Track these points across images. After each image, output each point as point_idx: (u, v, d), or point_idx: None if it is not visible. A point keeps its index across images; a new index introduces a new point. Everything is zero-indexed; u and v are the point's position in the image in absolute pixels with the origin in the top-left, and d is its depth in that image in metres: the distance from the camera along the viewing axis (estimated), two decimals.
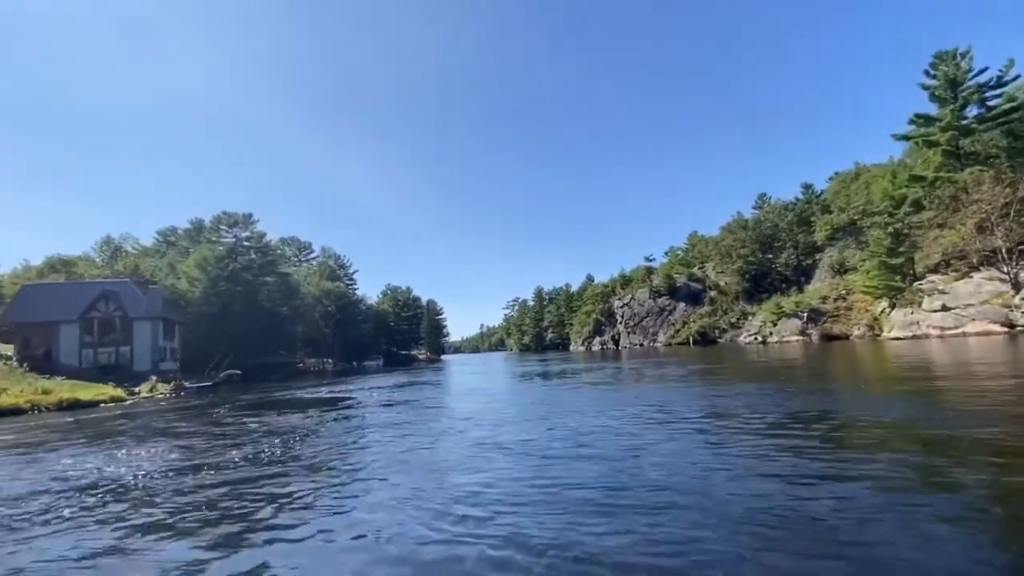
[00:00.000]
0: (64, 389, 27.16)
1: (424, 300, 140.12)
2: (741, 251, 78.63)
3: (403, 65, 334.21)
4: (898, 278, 44.01)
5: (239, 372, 53.16)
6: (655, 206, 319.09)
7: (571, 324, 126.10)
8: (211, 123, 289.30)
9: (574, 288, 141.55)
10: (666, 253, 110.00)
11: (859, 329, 47.05)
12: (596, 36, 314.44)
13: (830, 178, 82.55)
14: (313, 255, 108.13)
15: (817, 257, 71.57)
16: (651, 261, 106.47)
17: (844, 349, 32.44)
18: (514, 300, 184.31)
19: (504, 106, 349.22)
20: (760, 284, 78.27)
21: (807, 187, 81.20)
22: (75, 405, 24.59)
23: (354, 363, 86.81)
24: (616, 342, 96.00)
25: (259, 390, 32.43)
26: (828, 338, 48.45)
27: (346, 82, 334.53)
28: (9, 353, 40.47)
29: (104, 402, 26.52)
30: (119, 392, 29.46)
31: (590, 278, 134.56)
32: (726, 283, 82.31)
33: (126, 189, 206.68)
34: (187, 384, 41.81)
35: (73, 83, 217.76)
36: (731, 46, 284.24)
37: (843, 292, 55.87)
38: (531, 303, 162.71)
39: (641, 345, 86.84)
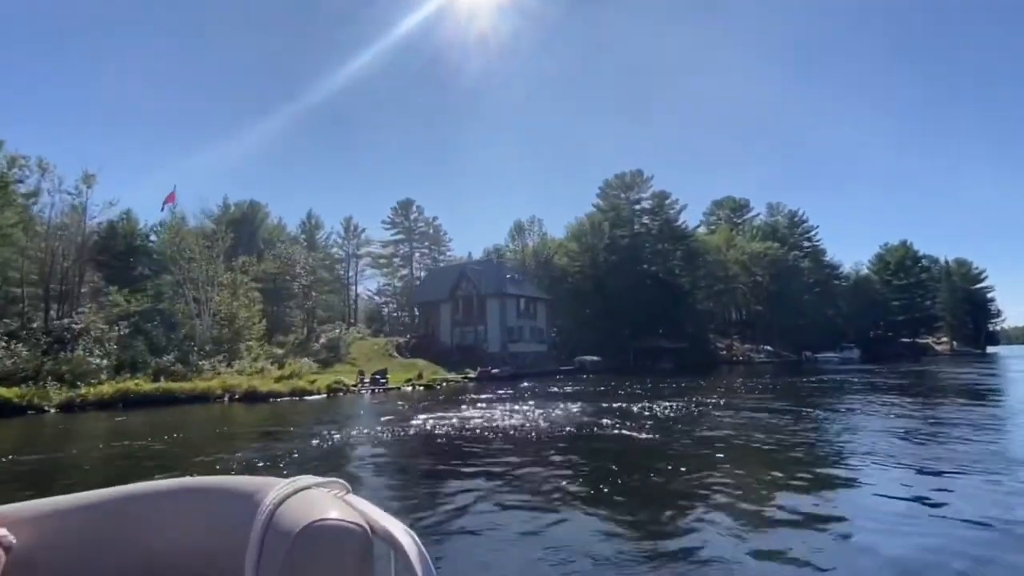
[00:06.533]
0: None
1: (942, 260, 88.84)
2: None
3: None
4: None
5: (597, 359, 42.25)
6: None
7: None
8: None
9: None
10: None
11: None
12: None
13: None
14: (752, 214, 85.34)
15: None
16: None
17: None
18: None
19: None
20: None
21: None
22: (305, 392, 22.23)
23: (805, 354, 60.13)
24: None
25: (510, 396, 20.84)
26: None
27: None
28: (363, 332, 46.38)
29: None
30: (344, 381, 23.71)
31: None
32: None
33: None
34: (495, 371, 33.94)
35: None
36: None
37: None
38: None
39: None
